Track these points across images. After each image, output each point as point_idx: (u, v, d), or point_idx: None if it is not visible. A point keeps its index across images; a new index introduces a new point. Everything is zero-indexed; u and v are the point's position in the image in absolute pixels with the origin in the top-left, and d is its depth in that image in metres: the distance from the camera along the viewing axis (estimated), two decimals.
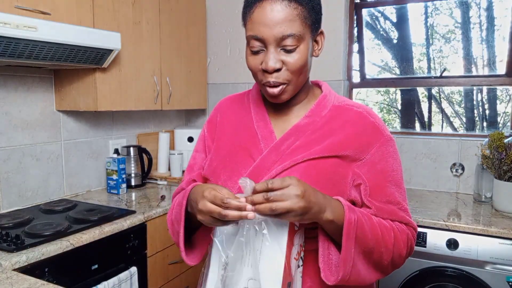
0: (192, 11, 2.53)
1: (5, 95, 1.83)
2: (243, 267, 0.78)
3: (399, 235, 0.88)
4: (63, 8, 1.70)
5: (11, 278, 1.16)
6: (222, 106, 1.07)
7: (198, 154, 1.07)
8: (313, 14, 0.85)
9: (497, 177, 1.89)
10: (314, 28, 0.87)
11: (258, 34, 0.83)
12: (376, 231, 0.84)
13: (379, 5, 2.54)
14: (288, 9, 0.81)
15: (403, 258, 0.89)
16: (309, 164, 0.87)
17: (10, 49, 1.43)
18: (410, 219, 0.92)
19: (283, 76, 0.85)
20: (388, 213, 0.89)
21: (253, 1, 0.84)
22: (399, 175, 0.92)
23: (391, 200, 0.90)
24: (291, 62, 0.84)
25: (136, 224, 1.75)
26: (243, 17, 0.88)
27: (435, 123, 2.66)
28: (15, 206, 1.87)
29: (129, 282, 1.66)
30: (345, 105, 0.95)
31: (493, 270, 1.64)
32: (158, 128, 2.73)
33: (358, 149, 0.89)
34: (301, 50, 0.84)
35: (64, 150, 2.10)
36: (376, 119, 0.93)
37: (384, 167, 0.90)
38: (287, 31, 0.81)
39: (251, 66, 0.88)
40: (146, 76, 2.19)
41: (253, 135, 0.95)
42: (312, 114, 0.93)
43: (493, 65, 2.38)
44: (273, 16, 0.81)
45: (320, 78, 1.07)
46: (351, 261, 0.80)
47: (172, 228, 0.96)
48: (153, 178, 2.50)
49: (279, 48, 0.84)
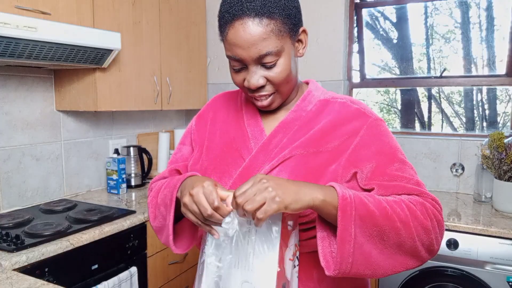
0: (192, 11, 2.53)
1: (5, 95, 1.83)
2: (236, 270, 0.77)
3: (414, 207, 0.78)
4: (63, 8, 1.70)
5: (11, 278, 1.16)
6: (216, 103, 1.05)
7: (184, 147, 1.05)
8: (288, 21, 0.82)
9: (497, 177, 1.89)
10: (294, 33, 0.84)
11: (235, 55, 0.82)
12: (382, 205, 0.75)
13: (379, 5, 2.54)
14: (260, 27, 0.78)
15: (430, 231, 0.78)
16: (298, 162, 0.85)
17: (10, 49, 1.43)
18: (425, 190, 0.83)
19: (269, 89, 0.85)
20: (393, 187, 0.81)
21: (224, 21, 0.81)
22: (399, 152, 0.87)
23: (397, 177, 0.83)
24: (273, 76, 0.83)
25: (136, 224, 1.75)
26: (220, 35, 0.85)
27: (435, 123, 2.66)
28: (15, 206, 1.87)
29: (129, 282, 1.66)
30: (331, 98, 0.93)
31: (493, 270, 1.64)
32: (158, 128, 2.73)
33: (344, 136, 0.86)
34: (282, 62, 0.82)
35: (64, 150, 2.10)
36: (360, 105, 0.90)
37: (380, 148, 0.85)
38: (263, 50, 0.79)
39: (236, 83, 0.88)
40: (146, 76, 2.19)
41: (243, 134, 0.94)
42: (298, 109, 0.92)
43: (493, 65, 2.38)
44: (246, 38, 0.78)
45: (320, 78, 1.07)
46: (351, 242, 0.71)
47: (156, 212, 0.92)
48: (153, 178, 2.50)
49: (259, 65, 0.82)
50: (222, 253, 0.79)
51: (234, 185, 0.89)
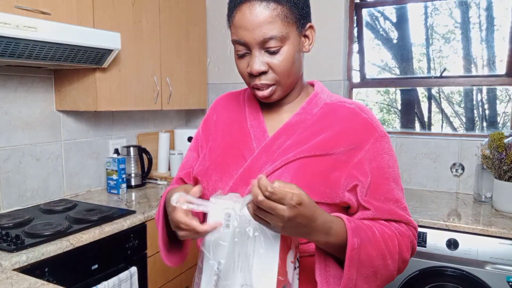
0: (192, 11, 2.53)
1: (5, 95, 1.83)
2: (236, 273, 0.77)
3: (402, 240, 0.84)
4: (63, 8, 1.70)
5: (11, 278, 1.16)
6: (218, 104, 1.06)
7: (190, 153, 1.06)
8: (296, 10, 0.83)
9: (497, 177, 1.89)
10: (300, 25, 0.85)
11: (240, 38, 0.83)
12: (381, 247, 0.80)
13: (379, 5, 2.54)
14: (266, 10, 0.80)
15: (407, 262, 0.87)
16: (301, 164, 0.85)
17: (10, 49, 1.43)
18: (410, 218, 0.89)
19: (270, 78, 0.85)
20: (387, 212, 0.86)
21: (233, 5, 0.84)
22: (395, 172, 0.89)
23: (390, 198, 0.86)
24: (276, 63, 0.83)
25: (136, 224, 1.75)
26: (228, 21, 0.87)
27: (435, 123, 2.66)
28: (15, 206, 1.87)
29: (129, 282, 1.66)
30: (337, 102, 0.93)
31: (493, 270, 1.64)
32: (158, 128, 2.73)
33: (350, 146, 0.86)
34: (285, 50, 0.83)
35: (64, 150, 2.10)
36: (369, 115, 0.90)
37: (380, 164, 0.87)
38: (267, 33, 0.80)
39: (239, 70, 0.89)
40: (146, 76, 2.19)
41: (246, 135, 0.93)
42: (303, 111, 0.91)
43: (493, 65, 2.38)
44: (252, 19, 0.80)
45: (320, 78, 1.07)
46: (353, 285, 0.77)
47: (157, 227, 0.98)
48: (153, 178, 2.50)
49: (263, 50, 0.83)
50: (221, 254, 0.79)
51: (235, 185, 0.89)
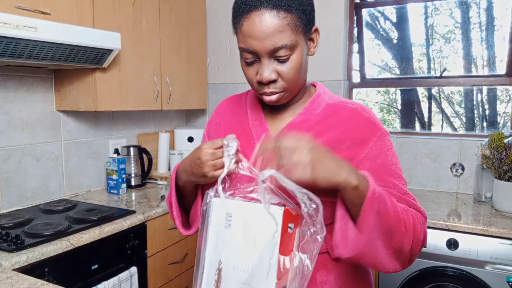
0: (192, 11, 2.53)
1: (5, 95, 1.83)
2: (235, 272, 0.77)
3: (416, 217, 0.84)
4: (63, 8, 1.70)
5: (11, 278, 1.16)
6: (221, 107, 1.07)
7: None
8: (304, 17, 0.82)
9: (497, 177, 1.89)
10: (307, 30, 0.85)
11: (249, 47, 0.82)
12: (397, 209, 0.80)
13: (379, 5, 2.54)
14: (277, 19, 0.78)
15: (420, 243, 0.84)
16: None
17: (10, 49, 1.43)
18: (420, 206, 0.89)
19: (279, 86, 0.85)
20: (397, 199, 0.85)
21: (241, 12, 0.81)
22: (398, 169, 0.91)
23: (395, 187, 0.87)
24: (285, 71, 0.83)
25: (136, 224, 1.75)
26: (233, 26, 0.85)
27: (435, 123, 2.66)
28: (15, 206, 1.87)
29: (129, 282, 1.66)
30: (339, 103, 0.94)
31: (493, 270, 1.64)
32: (158, 128, 2.73)
33: (354, 144, 0.87)
34: (294, 58, 0.83)
35: (64, 150, 2.10)
36: (371, 114, 0.92)
37: (384, 161, 0.88)
38: (278, 43, 0.79)
39: (247, 77, 0.88)
40: (146, 76, 2.19)
41: (248, 135, 0.94)
42: (306, 112, 0.92)
43: (493, 65, 2.38)
44: (263, 29, 0.78)
45: (320, 78, 1.07)
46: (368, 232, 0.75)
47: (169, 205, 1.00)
48: (153, 178, 2.50)
49: (272, 58, 0.82)
50: (221, 254, 0.79)
51: None
